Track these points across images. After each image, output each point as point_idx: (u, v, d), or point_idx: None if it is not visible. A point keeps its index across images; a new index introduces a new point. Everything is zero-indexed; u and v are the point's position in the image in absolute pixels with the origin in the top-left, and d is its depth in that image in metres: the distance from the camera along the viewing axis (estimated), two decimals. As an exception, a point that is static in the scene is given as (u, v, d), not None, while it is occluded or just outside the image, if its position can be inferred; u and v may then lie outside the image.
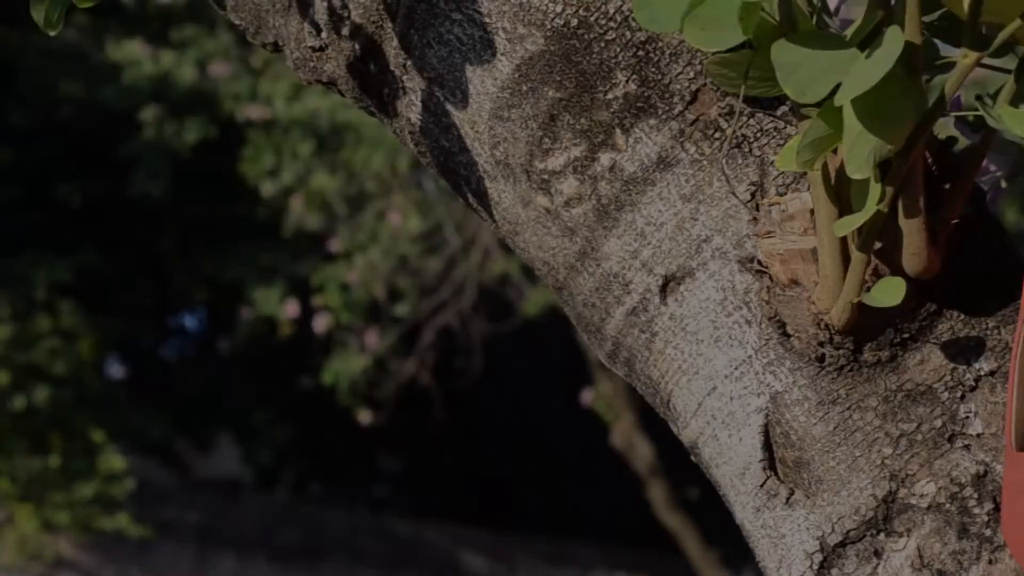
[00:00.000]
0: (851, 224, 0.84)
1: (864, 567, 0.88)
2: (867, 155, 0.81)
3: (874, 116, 0.81)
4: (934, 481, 0.88)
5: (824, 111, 0.82)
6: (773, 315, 0.91)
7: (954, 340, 0.90)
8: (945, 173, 0.89)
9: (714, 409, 0.93)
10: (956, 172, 0.89)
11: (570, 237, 0.96)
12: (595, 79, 0.94)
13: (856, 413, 0.90)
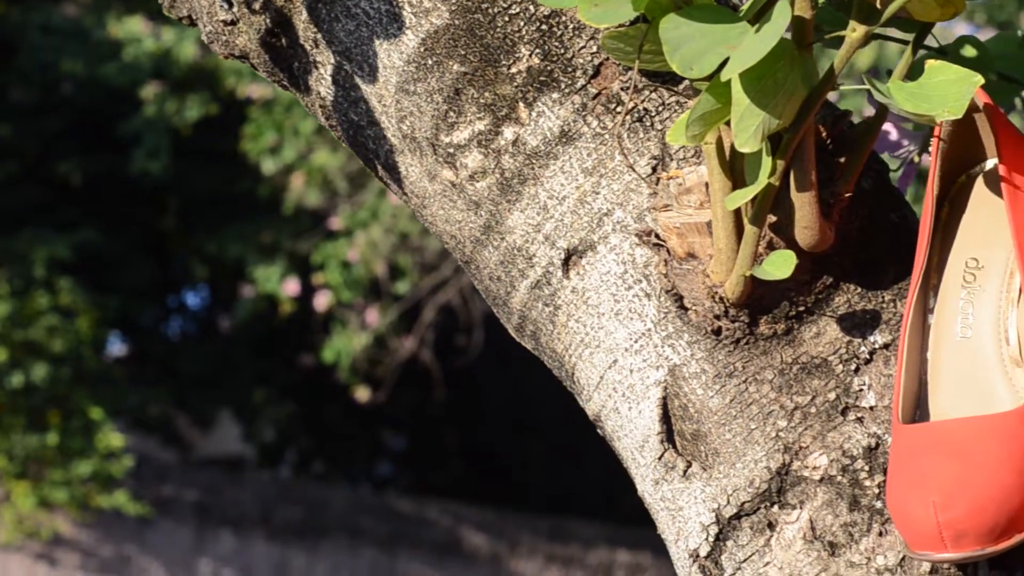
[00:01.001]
0: (742, 197, 0.84)
1: (757, 539, 0.89)
2: (755, 129, 0.81)
3: (762, 90, 0.81)
4: (826, 454, 0.89)
5: (712, 85, 0.83)
6: (670, 288, 0.91)
7: (850, 313, 0.91)
8: (840, 147, 0.90)
9: (615, 382, 0.94)
10: (851, 146, 0.90)
11: (475, 211, 0.97)
12: (499, 53, 0.95)
13: (752, 386, 0.90)
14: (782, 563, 0.88)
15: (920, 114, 0.79)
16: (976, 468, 0.82)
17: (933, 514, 0.81)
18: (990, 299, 0.89)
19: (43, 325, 7.31)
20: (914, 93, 0.81)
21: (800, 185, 0.86)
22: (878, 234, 0.92)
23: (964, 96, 0.80)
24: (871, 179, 0.93)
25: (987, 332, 0.88)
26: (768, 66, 0.81)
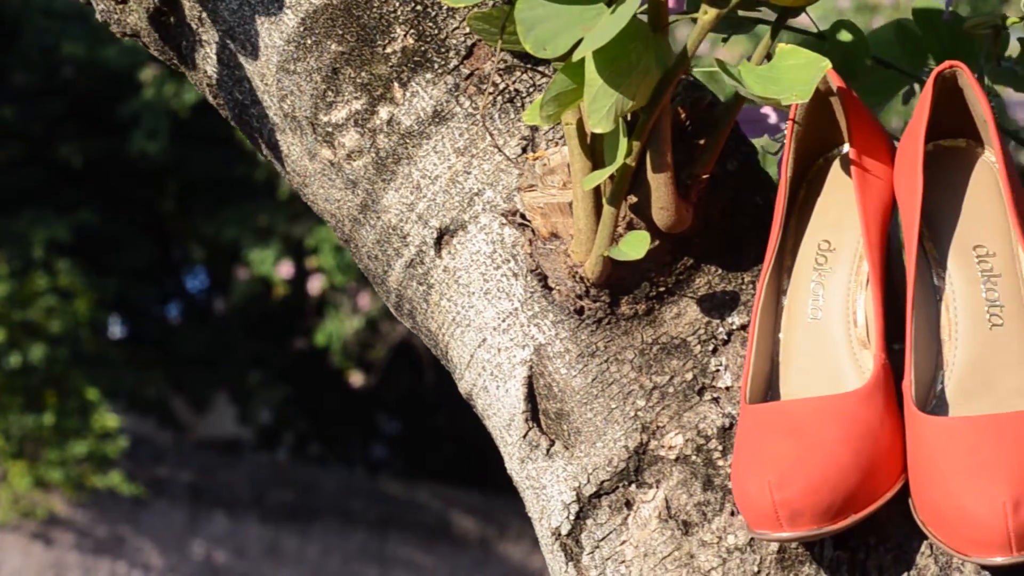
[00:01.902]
0: (599, 177, 0.85)
1: (615, 518, 0.89)
2: (608, 109, 0.81)
3: (615, 71, 0.81)
4: (682, 433, 0.89)
5: (567, 66, 0.83)
6: (535, 268, 0.92)
7: (710, 294, 0.91)
8: (699, 129, 0.90)
9: (484, 361, 0.94)
10: (710, 129, 0.90)
11: (352, 190, 0.97)
12: (375, 33, 0.95)
13: (613, 366, 0.91)
14: (638, 541, 0.89)
15: (768, 97, 0.79)
16: (813, 448, 0.82)
17: (769, 493, 0.81)
18: (840, 281, 0.89)
19: (41, 306, 7.32)
20: (764, 77, 0.81)
21: (656, 166, 0.86)
22: (741, 216, 0.93)
23: (812, 80, 0.80)
24: (737, 162, 0.93)
25: (837, 314, 0.88)
26: (621, 47, 0.81)
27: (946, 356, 0.86)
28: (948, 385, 0.85)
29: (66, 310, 7.42)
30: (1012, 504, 0.78)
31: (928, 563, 0.85)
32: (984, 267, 0.87)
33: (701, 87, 0.93)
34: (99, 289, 7.67)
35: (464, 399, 0.98)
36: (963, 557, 0.80)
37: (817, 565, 0.86)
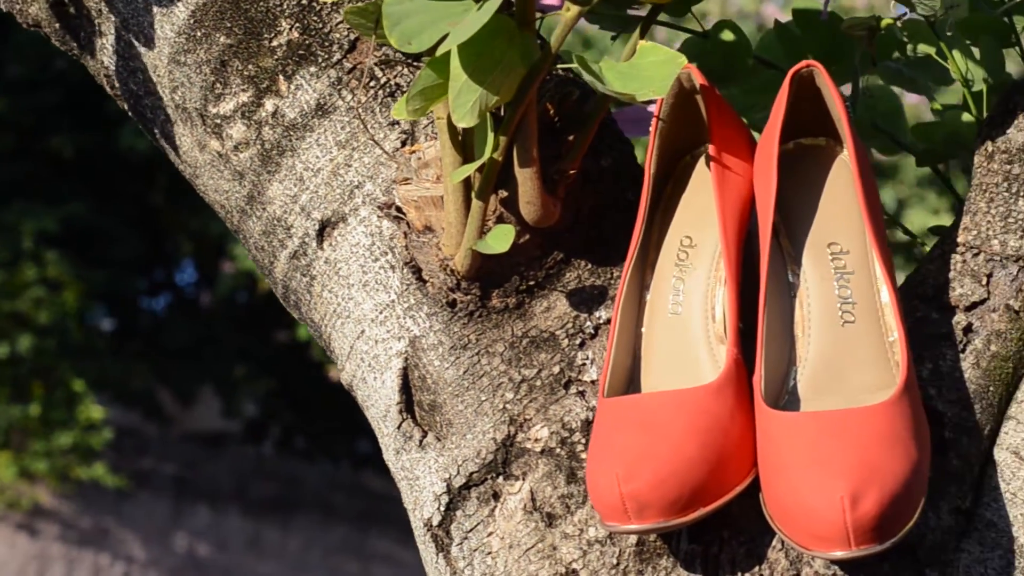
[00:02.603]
0: (466, 171, 0.86)
1: (483, 510, 0.90)
2: (472, 104, 0.82)
3: (480, 66, 0.82)
4: (548, 426, 0.90)
5: (433, 61, 0.84)
6: (410, 260, 0.93)
7: (580, 289, 0.92)
8: (568, 125, 0.91)
9: (363, 352, 0.95)
10: (579, 125, 0.91)
11: (240, 181, 0.98)
12: (261, 26, 0.97)
13: (484, 358, 0.92)
14: (504, 533, 0.90)
15: (626, 93, 0.80)
16: (661, 441, 0.82)
17: (617, 486, 0.82)
18: (700, 277, 0.90)
19: (30, 297, 7.33)
20: (624, 73, 0.82)
21: (522, 161, 0.87)
22: (613, 212, 0.94)
23: (669, 77, 0.81)
24: (612, 158, 0.95)
25: (696, 309, 0.89)
26: (486, 43, 0.82)
27: (799, 352, 0.87)
28: (800, 380, 0.86)
29: (54, 301, 7.43)
30: (850, 499, 0.78)
31: (779, 557, 0.86)
32: (838, 264, 0.88)
33: (570, 83, 0.94)
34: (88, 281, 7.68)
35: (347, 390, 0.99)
36: (806, 551, 0.81)
37: (673, 558, 0.87)
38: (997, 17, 1.02)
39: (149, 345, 8.25)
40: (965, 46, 1.03)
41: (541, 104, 0.91)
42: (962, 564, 0.87)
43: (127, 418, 8.05)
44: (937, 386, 0.90)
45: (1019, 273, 0.91)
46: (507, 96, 0.84)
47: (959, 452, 0.89)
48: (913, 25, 1.06)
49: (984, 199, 0.93)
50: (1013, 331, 0.91)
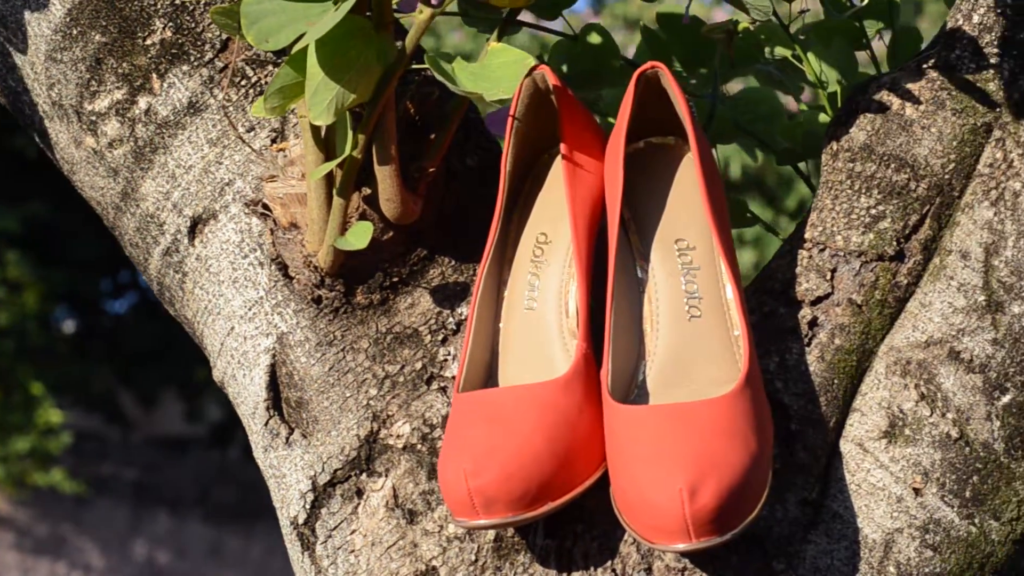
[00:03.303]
0: (325, 169, 0.89)
1: (347, 507, 0.93)
2: (328, 103, 0.85)
3: (336, 66, 0.85)
4: (409, 422, 0.93)
5: (291, 59, 0.87)
6: (276, 257, 0.96)
7: (443, 285, 0.95)
8: (429, 124, 0.94)
9: (232, 349, 0.98)
10: (440, 124, 0.94)
11: (114, 177, 1.01)
12: (136, 25, 1.00)
13: (350, 354, 0.95)
14: (366, 531, 0.92)
15: (475, 93, 0.83)
16: (508, 435, 0.85)
17: (464, 481, 0.84)
18: (555, 273, 0.93)
19: (-12, 298, 7.34)
20: (476, 74, 0.85)
21: (381, 159, 0.90)
22: (477, 209, 0.97)
23: (517, 77, 0.84)
24: (478, 157, 0.98)
25: (551, 304, 0.92)
26: (342, 42, 0.85)
27: (648, 346, 0.90)
28: (649, 375, 0.89)
29: (14, 302, 7.44)
30: (688, 491, 0.81)
31: (631, 551, 0.89)
32: (685, 260, 0.92)
33: (432, 83, 0.97)
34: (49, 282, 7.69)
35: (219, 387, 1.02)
36: (649, 544, 0.83)
37: (530, 553, 0.90)
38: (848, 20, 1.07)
39: (111, 347, 8.27)
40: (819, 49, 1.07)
41: (402, 103, 0.94)
42: (809, 555, 0.91)
43: (88, 422, 8.07)
44: (783, 379, 0.93)
45: (862, 268, 0.96)
46: (364, 95, 0.86)
47: (805, 444, 0.92)
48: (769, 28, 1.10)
49: (829, 196, 0.97)
50: (856, 325, 0.95)
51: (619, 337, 0.89)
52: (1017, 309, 0.95)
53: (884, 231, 0.97)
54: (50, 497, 7.11)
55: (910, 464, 0.93)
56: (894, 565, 0.92)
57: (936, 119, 0.98)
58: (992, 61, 0.99)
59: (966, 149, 0.98)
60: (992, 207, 0.97)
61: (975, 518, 0.94)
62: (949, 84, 0.99)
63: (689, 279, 0.91)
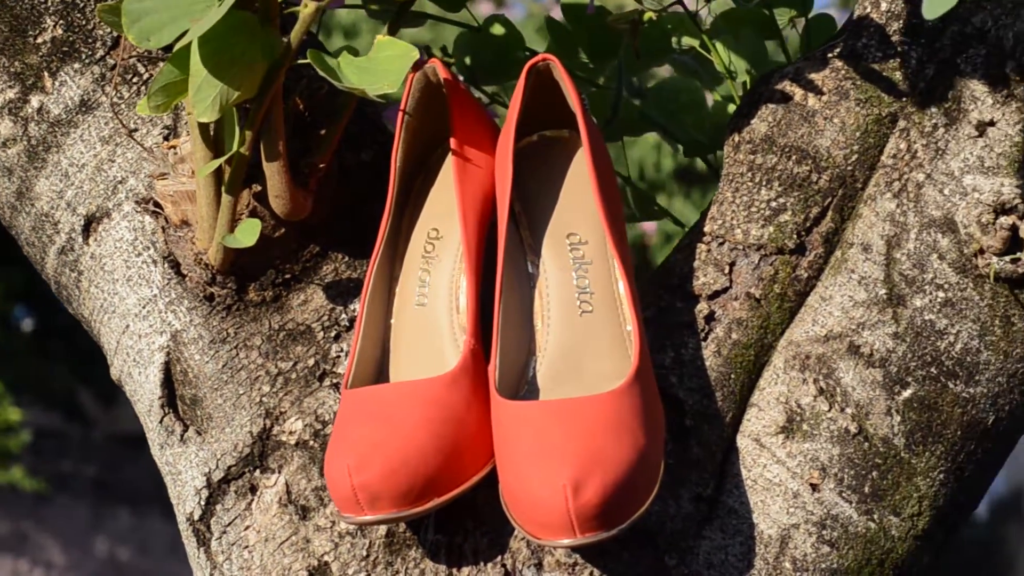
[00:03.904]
0: (212, 166, 0.89)
1: (241, 503, 0.94)
2: (212, 99, 0.85)
3: (219, 62, 0.85)
4: (302, 419, 0.94)
5: (174, 56, 0.87)
6: (168, 255, 0.96)
7: (336, 281, 0.96)
8: (319, 119, 0.94)
9: (128, 347, 0.98)
10: (330, 119, 0.94)
11: (9, 177, 1.01)
12: (27, 23, 1.00)
13: (243, 352, 0.95)
14: (260, 526, 0.93)
15: (360, 88, 0.84)
16: (393, 431, 0.85)
17: (348, 477, 0.84)
18: (446, 268, 0.94)
19: (-55, 296, 7.31)
20: (362, 67, 0.85)
21: (269, 155, 0.90)
22: (372, 205, 0.97)
23: (402, 71, 0.84)
24: (373, 151, 0.98)
25: (441, 300, 0.93)
26: (226, 39, 0.85)
27: (539, 342, 0.90)
28: (540, 370, 0.89)
29: (-29, 300, 7.42)
30: (572, 487, 0.81)
31: (521, 546, 0.90)
32: (576, 255, 0.92)
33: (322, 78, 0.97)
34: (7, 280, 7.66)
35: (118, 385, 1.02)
36: (535, 540, 0.84)
37: (421, 549, 0.91)
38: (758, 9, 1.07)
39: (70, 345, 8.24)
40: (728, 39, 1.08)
41: (291, 99, 0.94)
42: (703, 551, 0.91)
43: (48, 420, 8.04)
44: (678, 374, 0.94)
45: (761, 262, 0.96)
46: (250, 91, 0.87)
47: (700, 440, 0.93)
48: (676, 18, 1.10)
49: (730, 189, 0.98)
50: (754, 319, 0.95)
51: (508, 333, 0.89)
52: (919, 303, 0.96)
53: (784, 224, 0.97)
54: (10, 495, 7.09)
55: (807, 460, 0.94)
56: (790, 561, 0.93)
57: (839, 109, 0.98)
58: (900, 49, 0.99)
59: (870, 140, 0.99)
60: (895, 199, 0.97)
61: (874, 514, 0.95)
62: (854, 73, 0.99)
63: (581, 274, 0.92)
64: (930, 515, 0.96)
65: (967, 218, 0.95)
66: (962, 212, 0.95)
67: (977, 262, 0.95)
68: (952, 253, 0.95)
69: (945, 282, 0.95)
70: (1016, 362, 0.97)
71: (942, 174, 0.96)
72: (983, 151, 0.96)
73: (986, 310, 0.96)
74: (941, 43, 0.98)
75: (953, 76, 0.97)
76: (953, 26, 0.98)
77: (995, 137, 0.96)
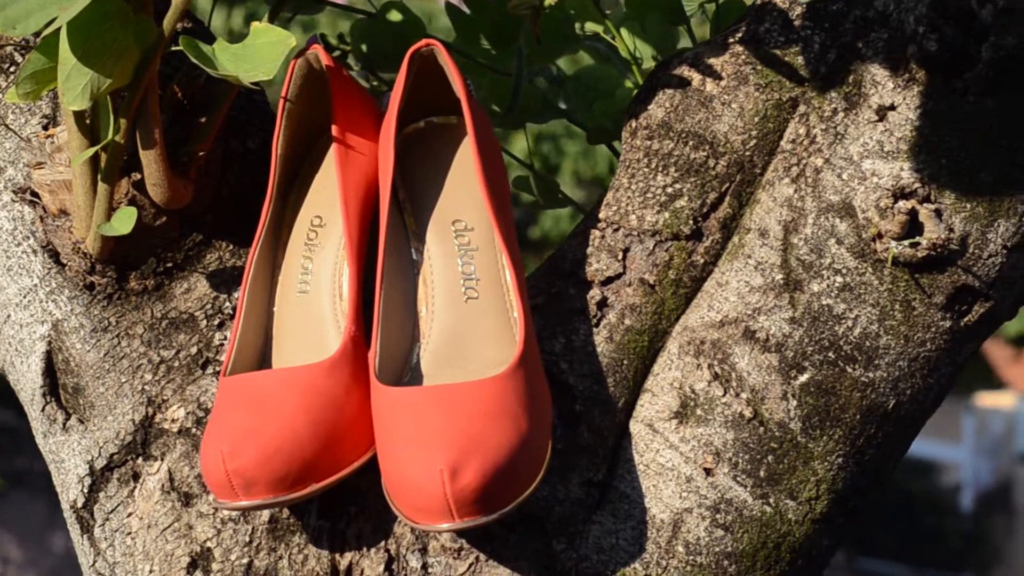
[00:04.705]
0: (87, 155, 0.89)
1: (123, 490, 0.95)
2: (83, 88, 0.85)
3: (90, 50, 0.84)
4: (184, 406, 0.95)
5: (43, 44, 0.86)
6: (47, 244, 0.96)
7: (220, 270, 0.96)
8: (199, 108, 0.95)
9: (10, 336, 0.99)
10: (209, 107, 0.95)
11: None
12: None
13: (125, 340, 0.96)
14: (143, 513, 0.94)
15: (235, 75, 0.84)
16: (268, 418, 0.85)
17: (223, 463, 0.85)
18: (329, 256, 0.94)
19: None
20: (238, 55, 0.85)
21: (145, 143, 0.90)
22: (259, 193, 0.98)
23: (278, 58, 0.84)
24: (260, 139, 0.99)
25: (324, 288, 0.93)
26: (96, 26, 0.84)
27: (423, 328, 0.91)
28: (424, 357, 0.90)
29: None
30: (449, 472, 0.82)
31: (405, 532, 0.91)
32: (462, 241, 0.93)
33: (201, 65, 0.97)
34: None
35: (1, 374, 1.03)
36: (414, 525, 0.85)
37: (305, 534, 0.91)
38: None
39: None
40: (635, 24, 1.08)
41: (169, 86, 0.95)
42: (592, 535, 0.92)
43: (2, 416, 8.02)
44: (569, 360, 0.94)
45: (655, 248, 0.97)
46: (122, 79, 0.87)
47: (591, 425, 0.93)
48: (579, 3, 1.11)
49: (627, 175, 0.98)
50: (648, 305, 0.96)
51: (389, 319, 0.90)
52: (816, 287, 0.96)
53: (680, 210, 0.98)
54: (-37, 492, 7.07)
55: (701, 444, 0.95)
56: (683, 545, 0.94)
57: (738, 95, 0.99)
58: (802, 34, 1.00)
59: (769, 125, 0.99)
60: (793, 184, 0.98)
61: (770, 498, 0.96)
62: (755, 58, 1.00)
63: (466, 260, 0.92)
64: (828, 499, 0.97)
65: (865, 203, 0.96)
66: (860, 197, 0.96)
67: (876, 247, 0.96)
68: (850, 238, 0.96)
69: (843, 267, 0.96)
70: (917, 346, 0.98)
71: (841, 159, 0.97)
72: (883, 135, 0.96)
73: (885, 295, 0.96)
74: (844, 27, 0.99)
75: (854, 60, 0.98)
76: (856, 10, 0.99)
77: (895, 121, 0.96)
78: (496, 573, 0.90)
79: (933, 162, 0.95)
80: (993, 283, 0.98)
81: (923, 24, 0.96)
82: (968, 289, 0.97)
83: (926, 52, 0.96)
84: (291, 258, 0.95)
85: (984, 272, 0.97)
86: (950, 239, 0.95)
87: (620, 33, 1.10)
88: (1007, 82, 0.95)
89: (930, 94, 0.95)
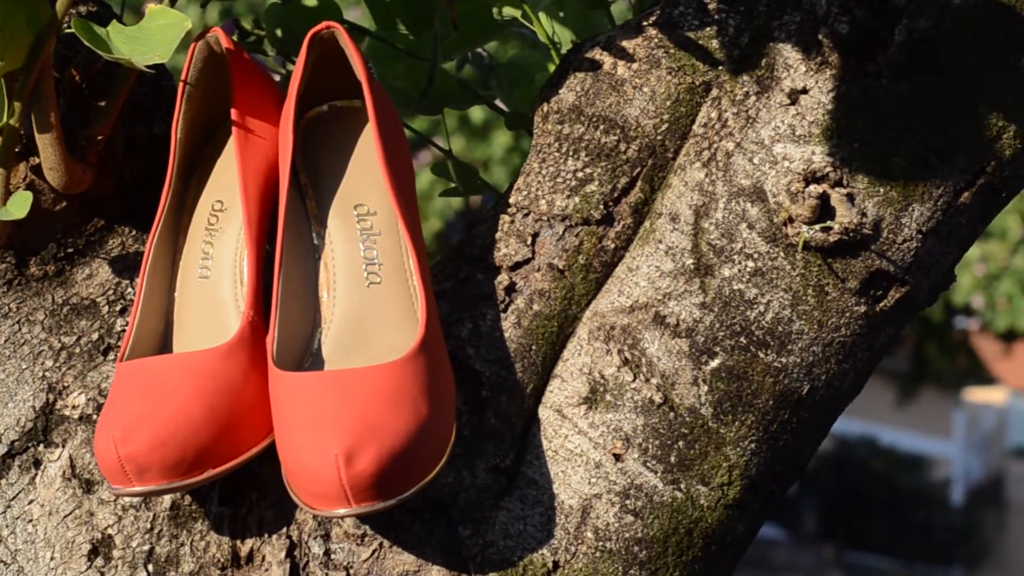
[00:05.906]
0: (-20, 139, 0.91)
1: (24, 478, 0.96)
2: (-29, 70, 0.87)
3: (-19, 31, 0.87)
4: (85, 393, 0.97)
5: (-64, 27, 0.89)
6: (-54, 228, 0.99)
7: (123, 255, 0.98)
8: (98, 91, 0.97)
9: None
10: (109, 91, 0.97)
11: None
12: None
13: (25, 327, 0.98)
14: (44, 500, 0.96)
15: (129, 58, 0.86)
16: (162, 403, 0.86)
17: (114, 448, 0.85)
18: (230, 241, 0.95)
19: None
20: (133, 37, 0.87)
21: (40, 127, 0.91)
22: (162, 178, 1.00)
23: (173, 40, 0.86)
24: (165, 124, 1.01)
25: (225, 273, 0.94)
26: (-11, 8, 0.87)
27: (324, 313, 0.92)
28: (325, 342, 0.91)
29: None
30: (344, 457, 0.82)
31: (307, 518, 0.92)
32: (364, 225, 0.94)
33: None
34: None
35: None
36: (311, 510, 0.86)
37: (207, 520, 0.94)
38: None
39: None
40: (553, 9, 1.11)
41: (67, 70, 0.97)
42: (499, 521, 0.93)
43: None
44: (475, 346, 0.95)
45: (565, 232, 0.98)
46: (15, 62, 0.88)
47: (498, 411, 0.94)
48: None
49: (537, 160, 0.99)
50: (557, 290, 0.98)
51: (289, 304, 0.91)
52: (727, 272, 0.98)
53: (591, 194, 1.00)
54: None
55: (610, 430, 0.97)
56: (592, 531, 0.96)
57: (649, 78, 1.00)
58: (717, 17, 1.01)
59: (681, 109, 1.01)
60: (704, 168, 1.00)
61: (681, 483, 0.97)
62: (668, 42, 1.01)
63: (369, 245, 0.93)
64: (741, 484, 0.99)
65: (776, 187, 0.98)
66: (771, 181, 0.98)
67: (787, 231, 0.98)
68: (762, 222, 0.97)
69: (755, 251, 0.97)
70: (831, 332, 0.99)
71: (752, 143, 0.98)
72: (795, 119, 0.98)
73: (798, 279, 0.98)
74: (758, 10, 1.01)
75: (767, 43, 0.99)
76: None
77: (807, 105, 0.98)
78: (400, 559, 0.92)
79: (846, 146, 0.96)
80: (908, 268, 0.99)
81: (835, 6, 0.96)
82: (883, 274, 0.98)
83: (838, 35, 0.97)
84: (192, 243, 0.96)
85: (899, 257, 0.98)
86: (863, 223, 0.97)
87: (538, 18, 1.12)
88: (921, 65, 0.96)
89: (843, 77, 0.96)
